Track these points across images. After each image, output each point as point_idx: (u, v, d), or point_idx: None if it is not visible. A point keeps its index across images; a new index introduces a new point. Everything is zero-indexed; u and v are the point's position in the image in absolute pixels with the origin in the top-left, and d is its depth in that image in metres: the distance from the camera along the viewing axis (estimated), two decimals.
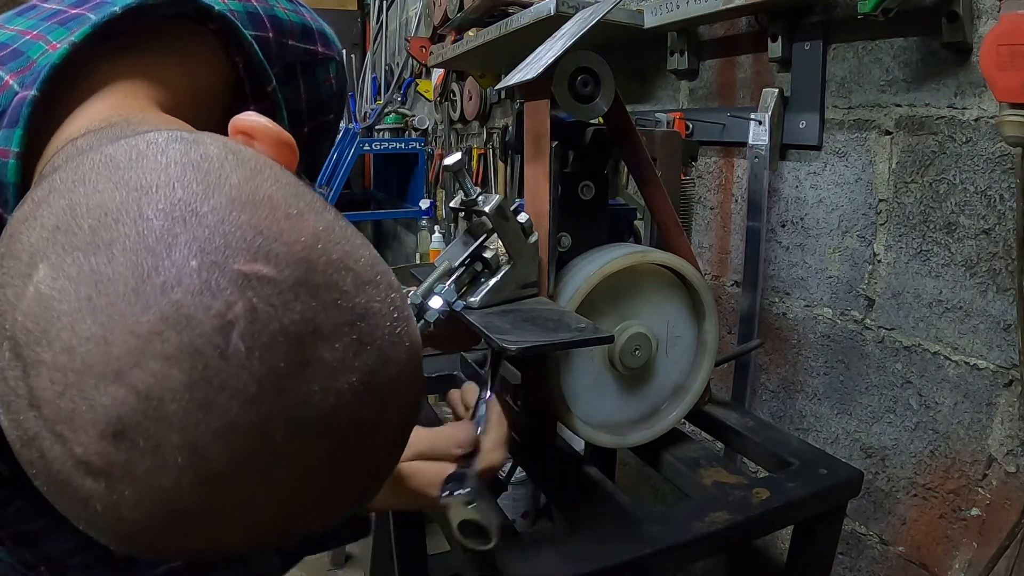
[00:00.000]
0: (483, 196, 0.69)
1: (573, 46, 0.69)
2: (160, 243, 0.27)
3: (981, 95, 0.85)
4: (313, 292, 0.29)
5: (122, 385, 0.26)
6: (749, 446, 0.91)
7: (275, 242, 0.29)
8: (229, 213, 0.29)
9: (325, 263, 0.30)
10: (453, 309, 0.66)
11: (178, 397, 0.26)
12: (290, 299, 0.28)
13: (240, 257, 0.28)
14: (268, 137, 0.36)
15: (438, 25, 2.28)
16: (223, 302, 0.27)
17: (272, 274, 0.28)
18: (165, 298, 0.26)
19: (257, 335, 0.27)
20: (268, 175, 0.33)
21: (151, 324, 0.26)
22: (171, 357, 0.26)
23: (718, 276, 1.35)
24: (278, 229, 0.30)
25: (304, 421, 0.29)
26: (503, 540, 0.68)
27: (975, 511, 0.91)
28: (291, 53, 0.56)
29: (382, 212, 3.57)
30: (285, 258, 0.29)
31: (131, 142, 0.32)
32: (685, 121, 1.26)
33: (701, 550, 0.71)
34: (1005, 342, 0.86)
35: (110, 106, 0.41)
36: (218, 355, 0.26)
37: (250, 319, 0.27)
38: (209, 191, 0.29)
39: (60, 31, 0.44)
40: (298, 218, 0.31)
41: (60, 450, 0.26)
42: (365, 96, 3.50)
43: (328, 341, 0.29)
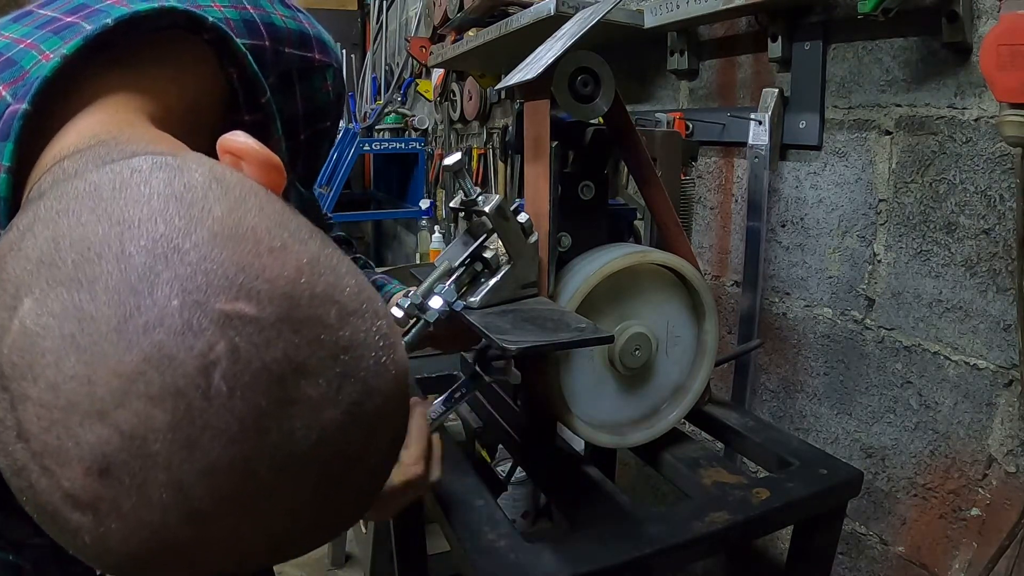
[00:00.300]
0: (483, 196, 0.69)
1: (573, 46, 0.69)
2: (142, 282, 0.27)
3: (981, 95, 0.85)
4: (296, 328, 0.29)
5: (106, 424, 0.26)
6: (749, 446, 0.91)
7: (257, 279, 0.29)
8: (211, 249, 0.29)
9: (308, 297, 0.30)
10: (453, 309, 0.66)
11: (161, 437, 0.26)
12: (272, 337, 0.28)
13: (222, 296, 0.28)
14: (255, 160, 0.36)
15: (438, 25, 2.28)
16: (205, 342, 0.27)
17: (254, 312, 0.28)
18: (147, 338, 0.26)
19: (239, 375, 0.27)
20: (253, 204, 0.32)
21: (134, 364, 0.26)
22: (154, 397, 0.26)
23: (718, 276, 1.35)
24: (260, 265, 0.29)
25: (288, 457, 0.29)
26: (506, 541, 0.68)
27: (975, 511, 0.91)
28: (287, 61, 0.55)
29: (382, 212, 3.57)
30: (267, 295, 0.29)
31: (116, 169, 0.32)
32: (685, 121, 1.26)
33: (701, 550, 0.71)
34: (1005, 342, 0.86)
35: (100, 121, 0.40)
36: (200, 395, 0.27)
37: (232, 359, 0.27)
38: (191, 225, 0.29)
39: (53, 40, 0.43)
40: (281, 251, 0.31)
41: (47, 483, 0.27)
42: (365, 96, 3.50)
43: (311, 377, 0.29)
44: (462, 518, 0.72)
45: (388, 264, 3.73)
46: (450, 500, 0.76)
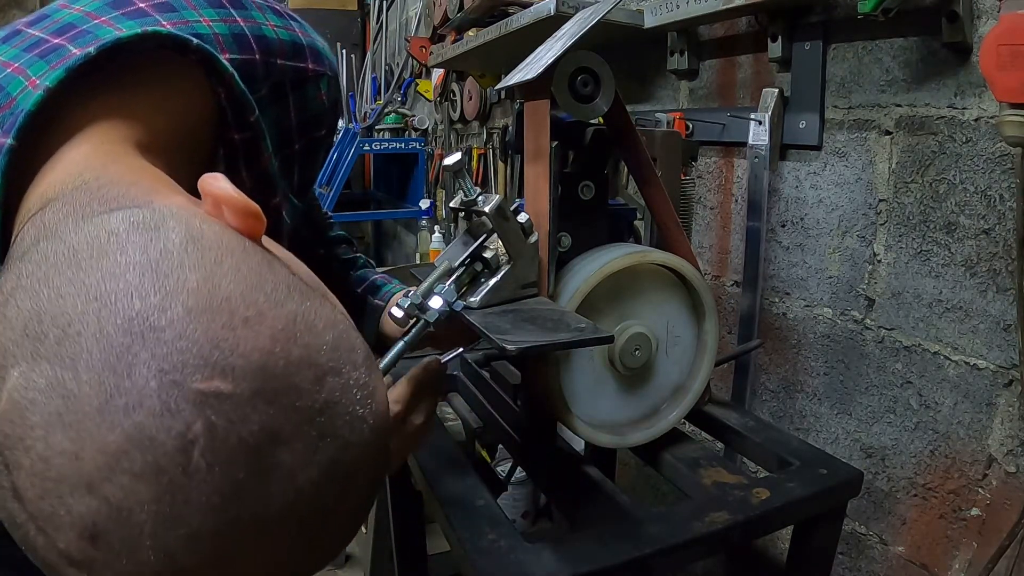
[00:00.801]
0: (483, 196, 0.69)
1: (573, 46, 0.69)
2: (121, 362, 0.28)
3: (981, 95, 0.85)
4: (270, 400, 0.30)
5: (95, 496, 0.28)
6: (749, 446, 0.91)
7: (232, 354, 0.30)
8: (186, 326, 0.30)
9: (284, 366, 0.31)
10: (453, 309, 0.66)
11: (146, 509, 0.28)
12: (248, 412, 0.30)
13: (198, 375, 0.29)
14: (233, 208, 0.36)
15: (438, 25, 2.28)
16: (183, 423, 0.28)
17: (229, 389, 0.29)
18: (128, 419, 0.28)
19: (217, 451, 0.29)
20: (229, 267, 0.33)
21: (118, 444, 0.28)
22: (138, 474, 0.28)
23: (718, 276, 1.35)
24: (235, 339, 0.30)
25: (266, 520, 0.30)
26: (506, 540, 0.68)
27: (975, 511, 0.91)
28: (279, 72, 0.55)
29: (382, 212, 3.56)
30: (242, 370, 0.30)
31: (93, 232, 0.32)
32: (685, 121, 1.26)
33: (701, 550, 0.71)
34: (1005, 342, 0.86)
35: (85, 155, 0.40)
36: (181, 472, 0.28)
37: (209, 436, 0.29)
38: (167, 300, 0.30)
39: (40, 64, 0.43)
40: (256, 321, 0.31)
41: (44, 541, 0.29)
42: (365, 96, 3.49)
43: (287, 444, 0.31)
44: (462, 518, 0.72)
45: (388, 264, 3.73)
46: (450, 500, 0.76)
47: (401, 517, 1.19)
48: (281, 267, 0.36)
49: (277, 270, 0.35)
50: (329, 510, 0.33)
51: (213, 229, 0.34)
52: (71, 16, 0.47)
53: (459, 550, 0.69)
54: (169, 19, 0.48)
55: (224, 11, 0.52)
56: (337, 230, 0.92)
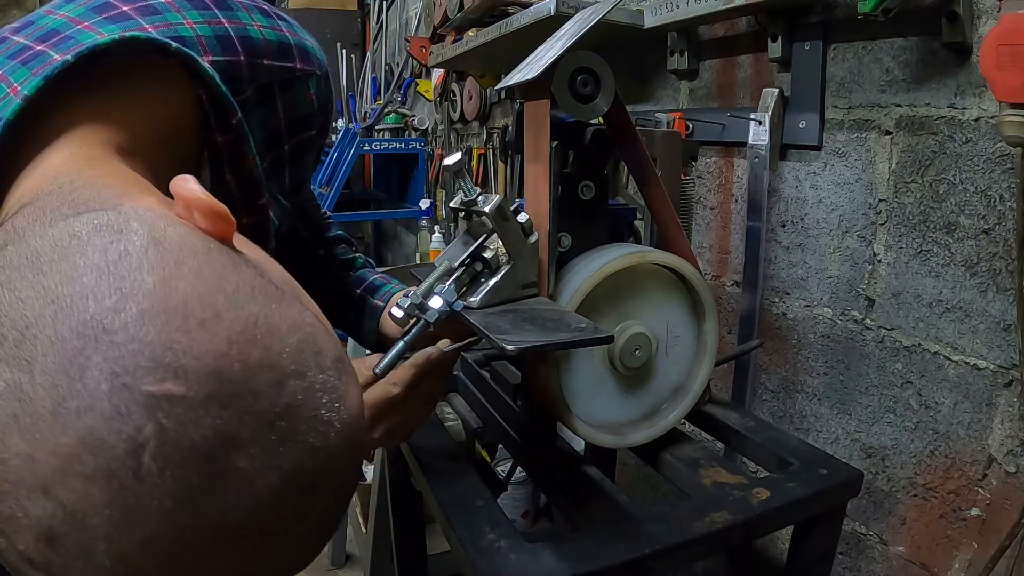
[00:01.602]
0: (483, 196, 0.69)
1: (573, 46, 0.69)
2: (74, 365, 0.28)
3: (981, 95, 0.85)
4: (225, 403, 0.30)
5: (50, 499, 0.28)
6: (749, 446, 0.91)
7: (184, 357, 0.30)
8: (139, 328, 0.29)
9: (240, 369, 0.31)
10: (453, 309, 0.66)
11: (99, 512, 0.28)
12: (201, 415, 0.29)
13: (149, 377, 0.29)
14: (201, 209, 0.36)
15: (438, 25, 2.28)
16: (133, 426, 0.28)
17: (181, 392, 0.29)
18: (80, 422, 0.28)
19: (168, 455, 0.28)
20: (189, 268, 0.32)
21: (70, 446, 0.28)
22: (90, 477, 0.28)
23: (718, 276, 1.35)
24: (188, 341, 0.30)
25: (223, 526, 0.30)
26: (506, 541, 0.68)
27: (975, 511, 0.91)
28: (266, 73, 0.54)
29: (382, 212, 3.57)
30: (195, 373, 0.30)
31: (56, 235, 0.32)
32: (685, 121, 1.26)
33: (701, 550, 0.71)
34: (1005, 342, 0.86)
35: (63, 160, 0.40)
36: (132, 476, 0.28)
37: (160, 440, 0.28)
38: (121, 303, 0.30)
39: (22, 71, 0.43)
40: (213, 323, 0.31)
41: (6, 543, 0.29)
42: (365, 96, 3.49)
43: (243, 449, 0.30)
44: (462, 518, 0.72)
45: (388, 264, 3.73)
46: (450, 500, 0.76)
47: (401, 517, 1.19)
48: (248, 269, 0.35)
49: (243, 272, 0.35)
50: (294, 517, 0.33)
51: (178, 231, 0.34)
52: (55, 22, 0.48)
53: (459, 550, 0.69)
54: (152, 22, 0.48)
55: (208, 12, 0.51)
56: (336, 230, 0.92)
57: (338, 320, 0.89)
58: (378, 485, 1.42)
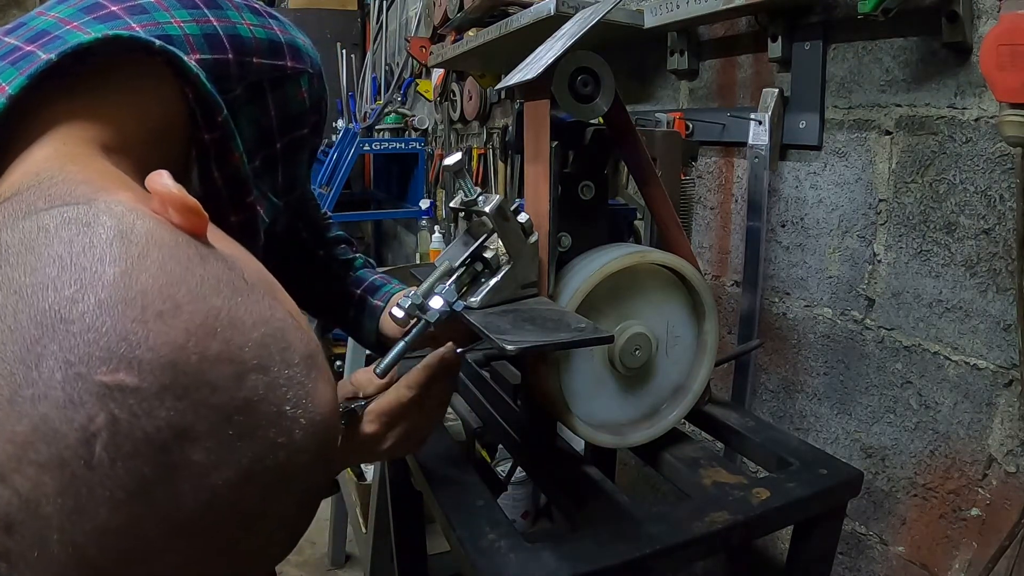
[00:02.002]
0: (483, 196, 0.69)
1: (573, 46, 0.69)
2: (31, 354, 0.29)
3: (981, 95, 0.85)
4: (180, 395, 0.30)
5: (6, 486, 0.28)
6: (749, 446, 0.91)
7: (139, 347, 0.30)
8: (96, 319, 0.29)
9: (197, 362, 0.31)
10: (453, 309, 0.66)
11: (52, 501, 0.28)
12: (155, 406, 0.29)
13: (103, 367, 0.29)
14: (173, 204, 0.36)
15: (438, 25, 2.28)
16: (85, 415, 0.28)
17: (134, 383, 0.29)
18: (35, 410, 0.28)
19: (120, 445, 0.28)
20: (153, 260, 0.32)
21: (25, 434, 0.28)
22: (43, 465, 0.28)
23: (718, 276, 1.35)
24: (144, 332, 0.30)
25: (178, 520, 0.30)
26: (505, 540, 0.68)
27: (975, 511, 0.91)
28: (256, 71, 0.54)
29: (382, 212, 3.56)
30: (149, 364, 0.29)
31: (26, 227, 0.33)
32: (685, 121, 1.26)
33: (701, 550, 0.71)
34: (1005, 342, 0.86)
35: (47, 156, 0.40)
36: (83, 466, 0.28)
37: (112, 430, 0.28)
38: (80, 293, 0.30)
39: (10, 71, 0.43)
40: (171, 315, 0.31)
41: None
42: (365, 96, 3.49)
43: (198, 442, 0.30)
44: (462, 518, 0.72)
45: (388, 264, 3.73)
46: (450, 500, 0.76)
47: (401, 517, 1.19)
48: (216, 263, 0.35)
49: (210, 265, 0.35)
50: (253, 514, 0.32)
51: (146, 225, 0.34)
52: (45, 23, 0.48)
53: (459, 550, 0.69)
54: (139, 21, 0.49)
55: (197, 11, 0.52)
56: (336, 230, 0.92)
57: (338, 320, 0.89)
58: (378, 485, 1.42)
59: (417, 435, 0.68)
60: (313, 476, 0.36)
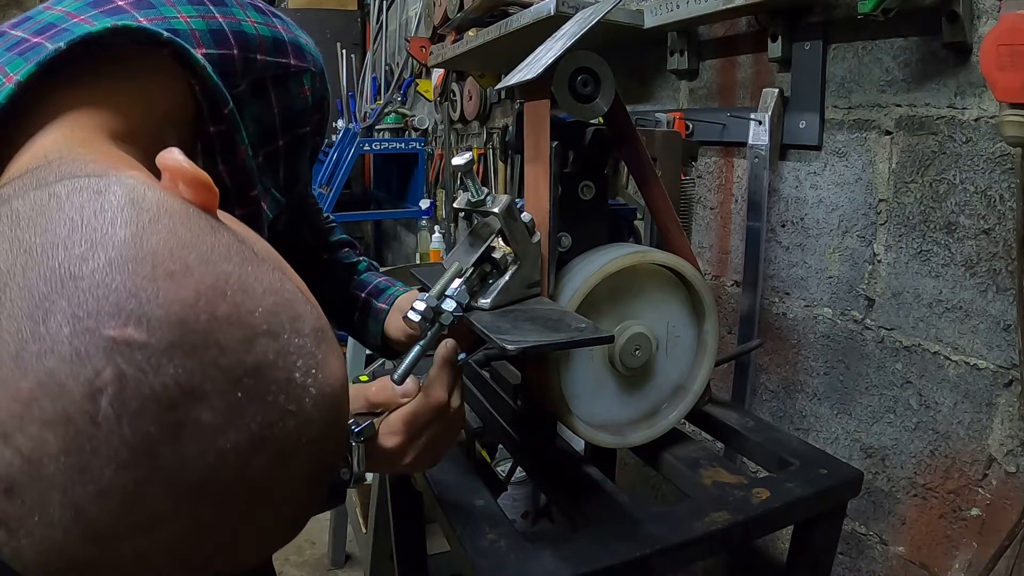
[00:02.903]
0: (491, 196, 0.69)
1: (573, 46, 0.69)
2: (39, 309, 0.28)
3: (981, 95, 0.85)
4: (189, 353, 0.29)
5: (8, 446, 0.27)
6: (749, 446, 0.91)
7: (149, 304, 0.29)
8: (105, 275, 0.29)
9: (206, 321, 0.30)
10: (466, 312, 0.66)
11: (55, 460, 0.27)
12: (163, 363, 0.29)
13: (111, 322, 0.28)
14: (183, 178, 0.36)
15: (438, 25, 2.28)
16: (91, 369, 0.28)
17: (143, 339, 0.28)
18: (40, 365, 0.27)
19: (127, 401, 0.28)
20: (164, 225, 0.32)
21: (29, 391, 0.27)
22: (47, 422, 0.27)
23: (718, 276, 1.35)
24: (155, 290, 0.30)
25: (183, 482, 0.29)
26: (504, 539, 0.68)
27: (975, 511, 0.91)
28: (260, 68, 0.55)
29: (382, 212, 3.56)
30: (159, 320, 0.29)
31: (38, 195, 0.32)
32: (685, 121, 1.26)
33: (701, 550, 0.71)
34: (1005, 342, 0.86)
35: (54, 141, 0.40)
36: (88, 422, 0.27)
37: (119, 386, 0.28)
38: (90, 251, 0.30)
39: (18, 62, 0.44)
40: (182, 275, 0.31)
41: None
42: (365, 96, 3.49)
43: (205, 402, 0.29)
44: (462, 518, 0.72)
45: (388, 264, 3.73)
46: (450, 500, 0.76)
47: (401, 517, 1.19)
48: (227, 234, 0.35)
49: (221, 235, 0.34)
50: (261, 484, 0.31)
51: (157, 195, 0.34)
52: (52, 16, 0.48)
53: (459, 550, 0.69)
54: (146, 15, 0.49)
55: (203, 7, 0.52)
56: (339, 234, 0.92)
57: (342, 324, 0.88)
58: (378, 485, 1.42)
59: (440, 446, 0.64)
60: (323, 451, 0.35)
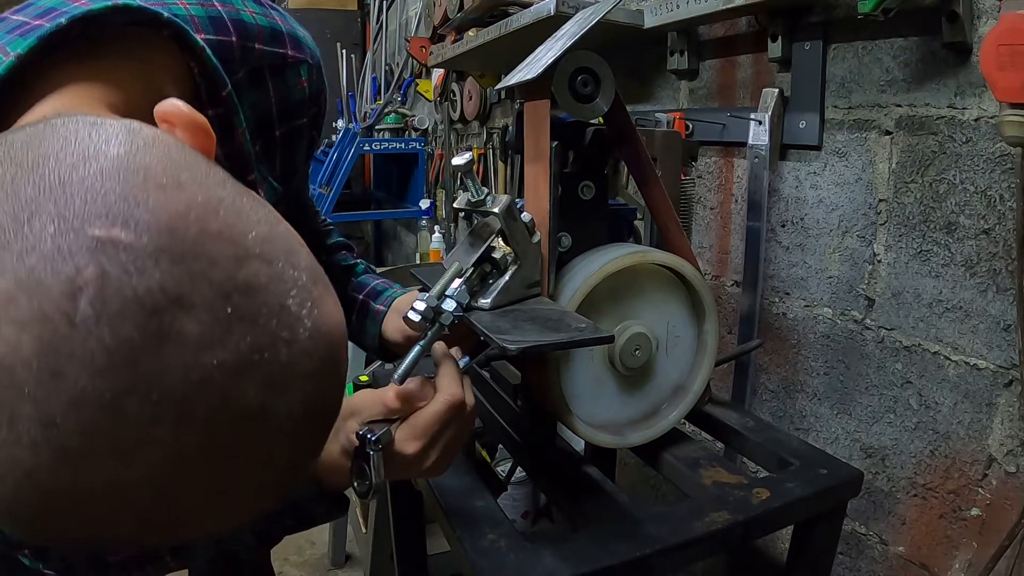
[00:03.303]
0: (491, 196, 0.69)
1: (573, 46, 0.69)
2: (24, 211, 0.27)
3: (981, 95, 0.85)
4: (176, 260, 0.28)
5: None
6: (749, 446, 0.91)
7: (138, 208, 0.28)
8: (95, 181, 0.28)
9: (196, 233, 0.29)
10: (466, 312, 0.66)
11: (29, 364, 0.26)
12: (148, 266, 0.27)
13: (98, 222, 0.27)
14: (181, 120, 0.36)
15: (438, 25, 2.28)
16: (73, 267, 0.26)
17: (129, 240, 0.27)
18: (20, 264, 0.26)
19: (107, 301, 0.26)
20: (158, 149, 0.32)
21: (6, 289, 0.26)
22: (23, 323, 0.26)
23: (718, 276, 1.35)
24: (145, 197, 0.29)
25: (163, 398, 0.27)
26: (505, 540, 0.68)
27: (975, 511, 0.91)
28: (258, 57, 0.56)
29: (382, 212, 3.57)
30: (147, 225, 0.28)
31: (35, 127, 0.32)
32: (685, 121, 1.26)
33: (701, 550, 0.71)
34: (1005, 342, 0.86)
35: (55, 107, 0.41)
36: (66, 321, 0.26)
37: (100, 284, 0.26)
38: (82, 161, 0.29)
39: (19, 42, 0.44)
40: (173, 188, 0.30)
41: None
42: (365, 96, 3.49)
43: (191, 312, 0.28)
44: (462, 518, 0.72)
45: (388, 264, 3.73)
46: (450, 500, 0.76)
47: (401, 517, 1.19)
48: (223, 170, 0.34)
49: (216, 169, 0.34)
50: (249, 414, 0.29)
51: (154, 130, 0.34)
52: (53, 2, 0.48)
53: (459, 550, 0.69)
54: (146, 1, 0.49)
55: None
56: (336, 236, 0.92)
57: None
58: None
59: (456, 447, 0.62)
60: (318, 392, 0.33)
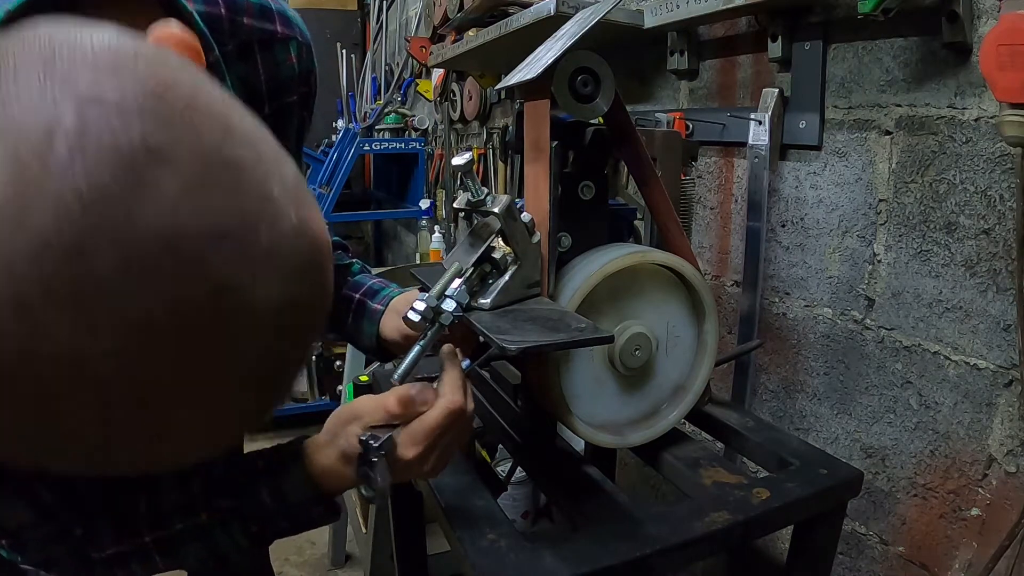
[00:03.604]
0: (491, 196, 0.69)
1: (573, 46, 0.69)
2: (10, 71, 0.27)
3: (981, 95, 0.85)
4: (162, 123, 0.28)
5: None
6: (749, 446, 0.91)
7: (128, 76, 0.28)
8: (87, 50, 0.29)
9: (183, 108, 0.29)
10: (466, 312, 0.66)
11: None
12: (131, 121, 0.27)
13: (86, 77, 0.27)
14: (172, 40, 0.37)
15: (438, 25, 2.28)
16: (53, 113, 0.26)
17: (115, 98, 0.27)
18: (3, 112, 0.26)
19: (84, 146, 0.26)
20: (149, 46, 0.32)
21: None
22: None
23: (718, 276, 1.35)
24: (135, 67, 0.29)
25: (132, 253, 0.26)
26: (505, 538, 0.68)
27: (975, 511, 0.91)
28: (246, 31, 0.57)
29: (382, 212, 3.57)
30: (134, 90, 0.28)
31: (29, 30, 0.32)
32: (685, 121, 1.26)
33: (701, 550, 0.71)
34: (1005, 342, 0.86)
35: None
36: (39, 162, 0.25)
37: (79, 130, 0.26)
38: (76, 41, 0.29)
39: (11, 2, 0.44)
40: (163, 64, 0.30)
41: None
42: (365, 96, 3.49)
43: (170, 166, 0.27)
44: (462, 518, 0.72)
45: (388, 264, 3.73)
46: (450, 500, 0.76)
47: (401, 517, 1.19)
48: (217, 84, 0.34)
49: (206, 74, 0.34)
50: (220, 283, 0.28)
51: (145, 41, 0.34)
52: None
53: (459, 550, 0.69)
54: None
55: None
56: (332, 236, 0.92)
57: (335, 326, 0.88)
58: None
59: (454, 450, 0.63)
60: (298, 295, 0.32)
